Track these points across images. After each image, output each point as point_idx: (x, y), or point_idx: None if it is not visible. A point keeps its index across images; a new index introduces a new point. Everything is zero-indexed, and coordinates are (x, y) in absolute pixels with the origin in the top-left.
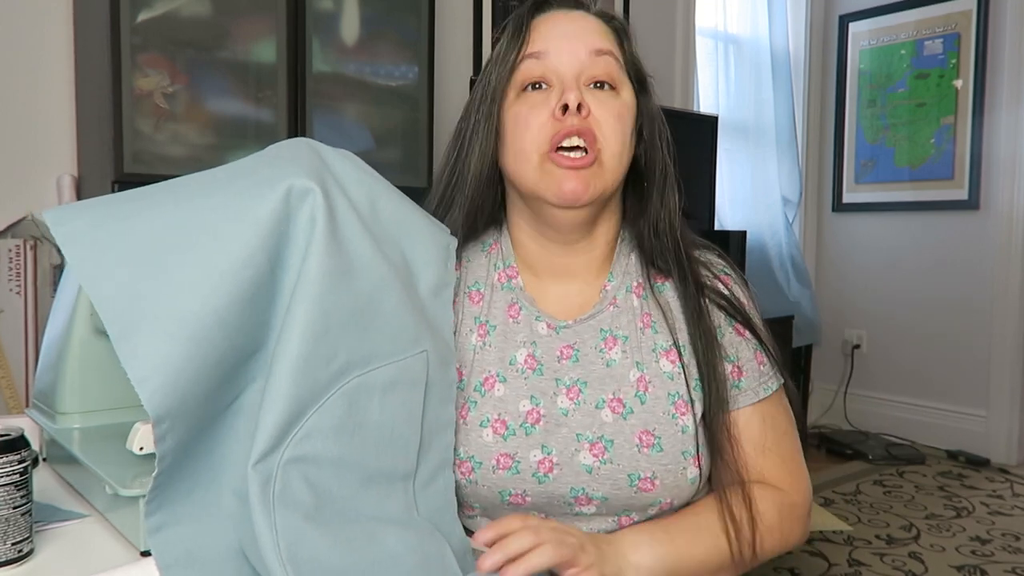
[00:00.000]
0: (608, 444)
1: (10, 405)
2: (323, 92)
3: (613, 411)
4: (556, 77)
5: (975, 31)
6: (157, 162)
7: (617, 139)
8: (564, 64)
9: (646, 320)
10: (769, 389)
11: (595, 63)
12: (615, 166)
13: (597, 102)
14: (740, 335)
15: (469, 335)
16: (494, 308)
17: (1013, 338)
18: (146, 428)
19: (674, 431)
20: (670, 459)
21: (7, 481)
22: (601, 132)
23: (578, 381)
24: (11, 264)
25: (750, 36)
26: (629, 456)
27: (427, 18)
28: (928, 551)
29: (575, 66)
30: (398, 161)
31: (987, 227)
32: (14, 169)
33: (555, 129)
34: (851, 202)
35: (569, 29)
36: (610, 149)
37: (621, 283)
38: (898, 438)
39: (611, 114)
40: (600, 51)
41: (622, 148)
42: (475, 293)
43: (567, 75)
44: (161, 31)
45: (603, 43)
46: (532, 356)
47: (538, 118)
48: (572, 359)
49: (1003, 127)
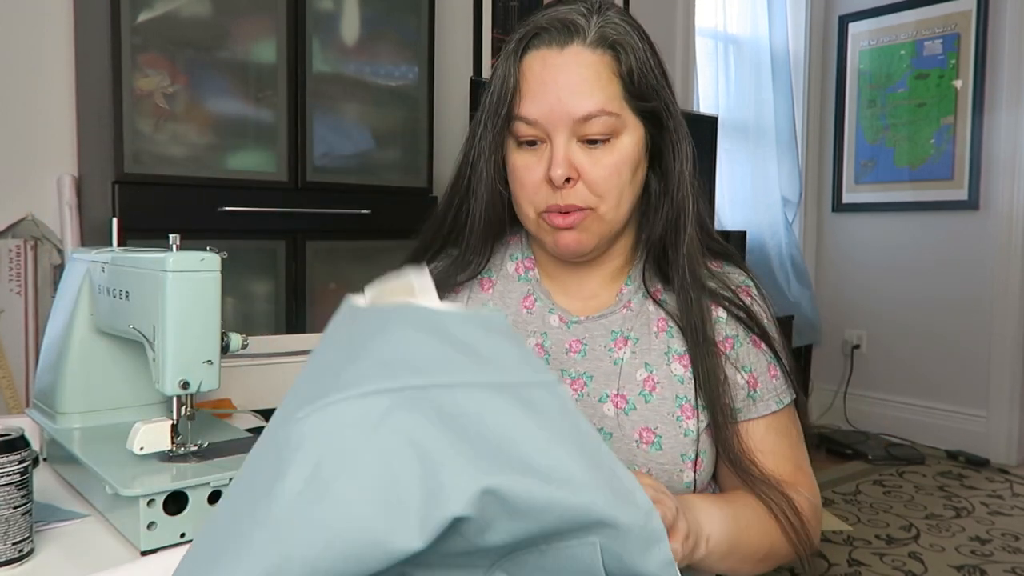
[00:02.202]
0: (606, 437)
1: (10, 405)
2: (323, 92)
3: (615, 406)
4: (548, 137)
5: (975, 31)
6: (157, 162)
7: (613, 193)
8: (553, 130)
9: (661, 325)
10: (782, 403)
11: (586, 126)
12: (613, 216)
13: (590, 162)
14: (757, 347)
15: None
16: (508, 299)
17: (1013, 338)
18: (146, 428)
19: (676, 432)
20: (668, 459)
21: (7, 481)
22: (593, 193)
23: (583, 375)
24: (11, 264)
25: (750, 36)
26: (626, 451)
27: (427, 18)
28: (928, 551)
29: (565, 131)
30: (398, 161)
31: (987, 227)
32: (14, 169)
33: (548, 200)
34: (851, 202)
35: (559, 81)
36: (606, 204)
37: (638, 288)
38: (898, 438)
39: (604, 171)
40: (588, 116)
41: (619, 197)
42: (486, 280)
43: (557, 140)
44: (161, 31)
45: (593, 99)
46: (541, 347)
47: (532, 177)
48: (580, 353)
49: (1003, 127)
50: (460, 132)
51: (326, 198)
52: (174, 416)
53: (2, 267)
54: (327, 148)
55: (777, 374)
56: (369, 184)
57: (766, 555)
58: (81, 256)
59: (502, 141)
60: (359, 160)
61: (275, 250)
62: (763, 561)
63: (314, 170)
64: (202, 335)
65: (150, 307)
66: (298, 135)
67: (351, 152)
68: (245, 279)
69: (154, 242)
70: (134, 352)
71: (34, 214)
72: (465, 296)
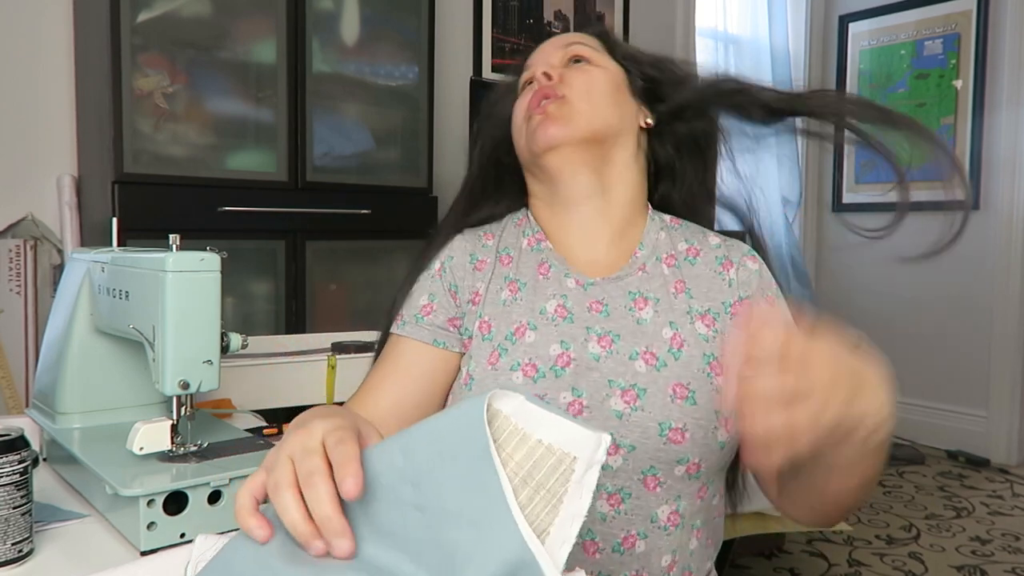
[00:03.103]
0: (641, 392)
1: (10, 405)
2: (323, 92)
3: (647, 363)
4: (537, 73)
5: (975, 31)
6: (157, 162)
7: (582, 84)
8: (541, 63)
9: (679, 287)
10: None
11: (568, 51)
12: (584, 108)
13: (570, 71)
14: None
15: (499, 292)
16: (523, 267)
17: (1013, 338)
18: (146, 428)
19: (709, 388)
20: (703, 414)
21: (7, 481)
22: (568, 87)
23: (610, 332)
24: (11, 264)
25: (750, 36)
26: (661, 405)
27: (427, 18)
28: (928, 551)
29: (551, 60)
30: (398, 161)
31: (987, 227)
32: (14, 169)
33: (531, 100)
34: (851, 202)
35: (549, 43)
36: (576, 90)
37: (651, 253)
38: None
39: (581, 74)
40: (571, 42)
41: (589, 92)
42: (505, 256)
43: (542, 66)
44: (161, 31)
45: (577, 39)
46: (563, 307)
47: (524, 100)
48: (603, 312)
49: (1003, 127)
50: (460, 132)
51: (326, 198)
52: (174, 416)
53: (2, 267)
54: (327, 148)
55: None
56: (369, 184)
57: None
58: (81, 256)
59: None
60: (359, 160)
61: (275, 250)
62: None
63: (314, 170)
64: (202, 335)
65: (150, 307)
66: (298, 135)
67: (351, 152)
68: (245, 279)
69: (154, 242)
70: (134, 352)
71: (34, 214)
72: (489, 271)
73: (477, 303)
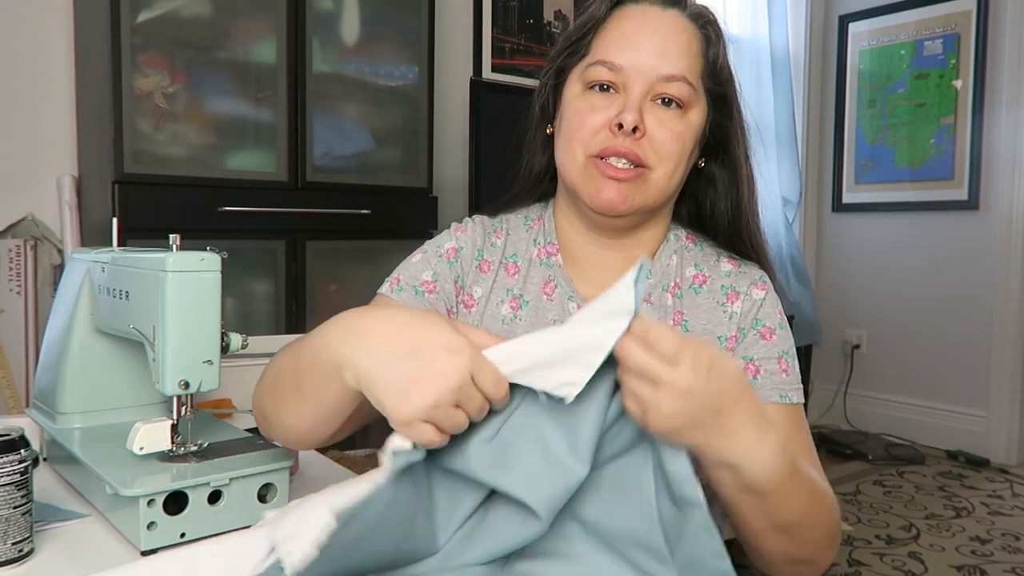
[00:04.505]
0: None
1: (10, 405)
2: (323, 92)
3: None
4: (624, 87)
5: (975, 31)
6: (157, 162)
7: (671, 160)
8: (634, 81)
9: (677, 318)
10: (787, 398)
11: (666, 86)
12: (662, 185)
13: (657, 121)
14: (765, 340)
15: (500, 305)
16: (530, 283)
17: (1013, 338)
18: (146, 428)
19: None
20: None
21: (7, 481)
22: (654, 151)
23: None
24: (11, 264)
25: (750, 36)
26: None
27: (427, 18)
28: (928, 551)
29: (645, 85)
30: (398, 161)
31: (987, 227)
32: (14, 169)
33: (606, 142)
34: (851, 202)
35: (653, 37)
36: (661, 169)
37: (659, 282)
38: (898, 438)
39: (670, 134)
40: (673, 77)
41: (674, 168)
42: (511, 265)
43: (635, 90)
44: (161, 31)
45: (680, 63)
46: None
47: (594, 122)
48: None
49: (1003, 127)
50: (460, 132)
51: (326, 198)
52: (174, 416)
53: (2, 267)
54: (327, 148)
55: (788, 369)
56: (369, 184)
57: (808, 516)
58: (81, 256)
59: (563, 81)
60: (359, 160)
61: (275, 250)
62: (803, 520)
63: (314, 170)
64: (202, 335)
65: (150, 307)
66: (298, 135)
67: (351, 152)
68: (245, 279)
69: (154, 242)
70: (134, 352)
71: (34, 214)
72: (491, 279)
73: (471, 307)
